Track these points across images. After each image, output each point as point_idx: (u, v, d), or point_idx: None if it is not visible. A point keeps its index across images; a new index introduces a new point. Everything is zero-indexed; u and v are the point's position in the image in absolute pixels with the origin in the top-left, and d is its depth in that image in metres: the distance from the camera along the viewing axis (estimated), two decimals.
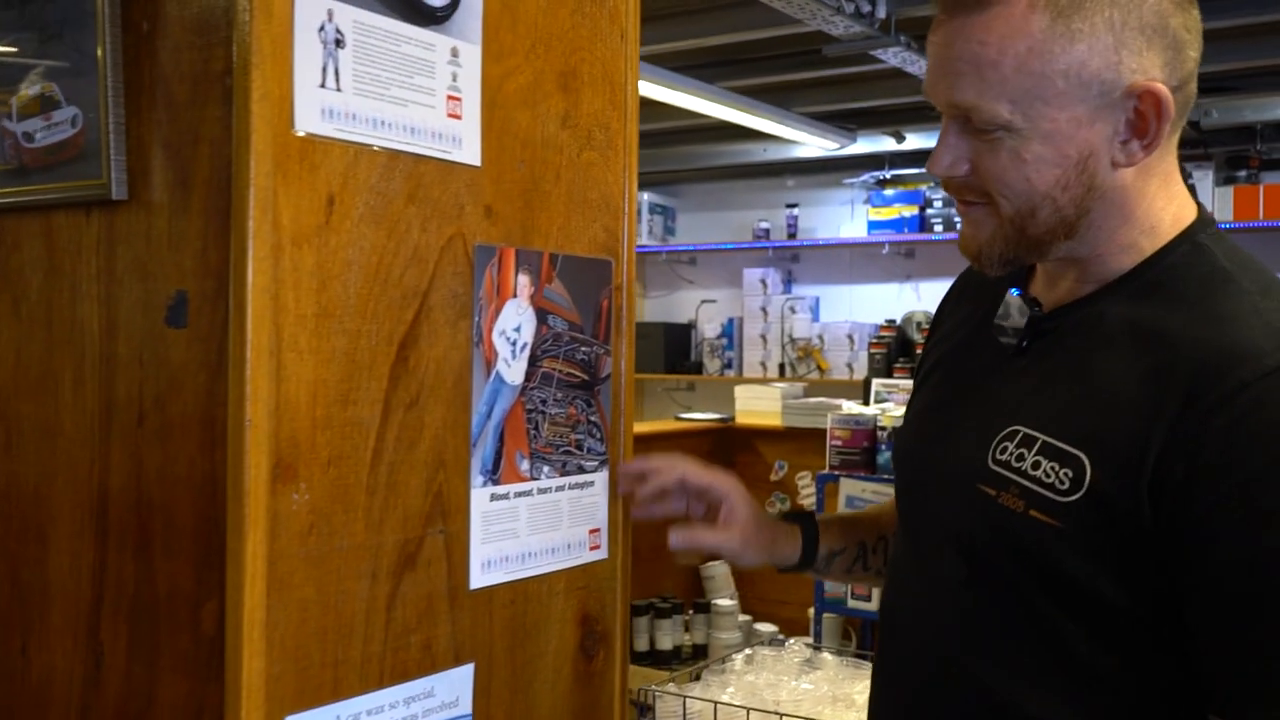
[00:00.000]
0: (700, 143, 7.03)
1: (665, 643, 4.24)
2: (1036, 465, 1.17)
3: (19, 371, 1.20)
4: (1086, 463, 1.13)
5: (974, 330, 1.36)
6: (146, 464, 1.10)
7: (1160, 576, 1.11)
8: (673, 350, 7.50)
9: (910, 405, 1.46)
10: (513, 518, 1.29)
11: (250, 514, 1.01)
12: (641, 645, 4.19)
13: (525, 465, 1.31)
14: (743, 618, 4.43)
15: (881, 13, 3.78)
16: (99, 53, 1.08)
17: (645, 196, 7.72)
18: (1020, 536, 1.17)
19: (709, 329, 7.50)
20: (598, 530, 1.41)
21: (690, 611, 4.43)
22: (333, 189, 1.07)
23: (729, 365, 7.40)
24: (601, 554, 1.42)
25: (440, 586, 1.20)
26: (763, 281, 7.30)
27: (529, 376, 1.30)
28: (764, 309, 7.24)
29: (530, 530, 1.31)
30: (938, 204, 6.68)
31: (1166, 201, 1.22)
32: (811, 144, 6.34)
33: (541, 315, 1.32)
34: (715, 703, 2.69)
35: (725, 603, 4.42)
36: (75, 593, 1.15)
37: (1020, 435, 1.20)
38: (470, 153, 1.21)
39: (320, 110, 1.06)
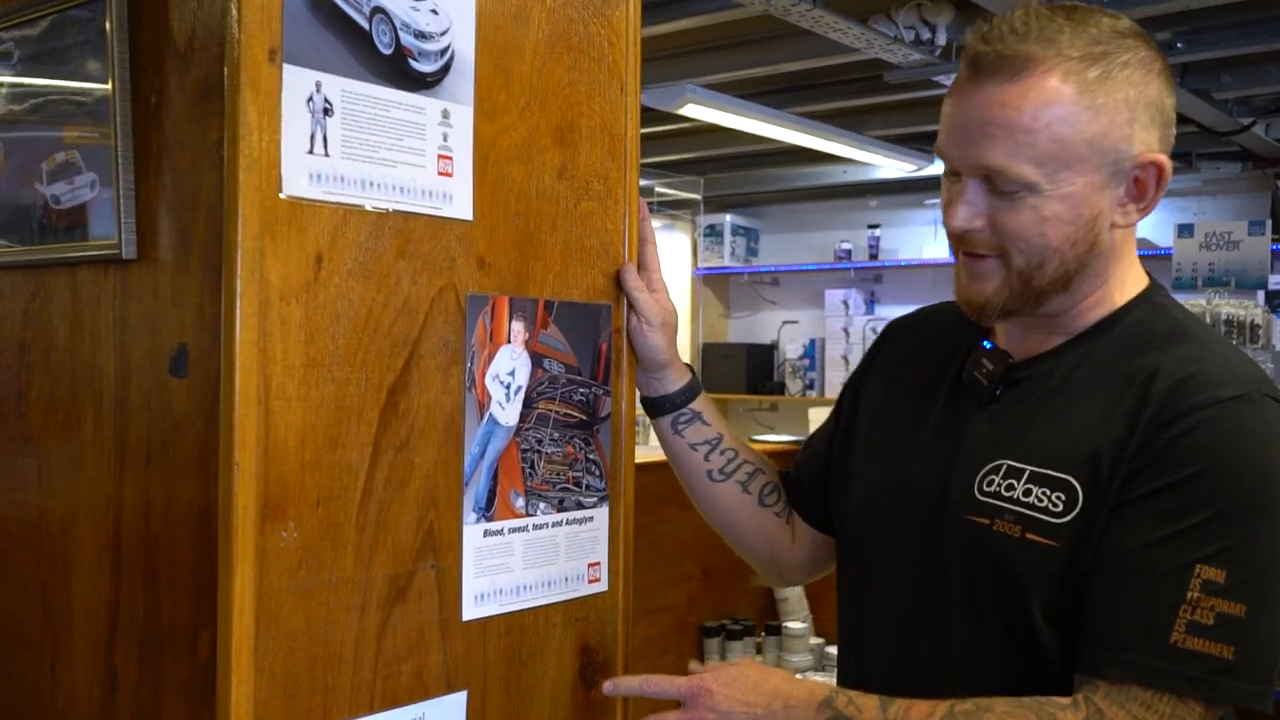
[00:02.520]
0: (781, 165, 7.07)
1: None
2: (1028, 493, 1.28)
3: (49, 413, 1.30)
4: (1076, 485, 1.25)
5: (929, 379, 1.45)
6: (153, 502, 1.19)
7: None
8: (755, 371, 7.54)
9: (854, 447, 1.52)
10: (506, 552, 1.35)
11: (239, 550, 1.09)
12: None
13: (520, 502, 1.37)
14: (814, 640, 4.43)
15: (942, 39, 3.79)
16: (111, 124, 1.17)
17: (728, 218, 7.78)
18: (1017, 561, 1.27)
19: (791, 350, 7.53)
20: (598, 564, 1.47)
21: (762, 634, 4.45)
22: (321, 247, 1.15)
23: (811, 386, 7.41)
24: (601, 586, 1.47)
25: (432, 617, 1.27)
26: (845, 303, 7.31)
27: (524, 418, 1.37)
28: (846, 330, 7.25)
29: (525, 565, 1.38)
30: None
31: (1131, 264, 1.37)
32: (888, 166, 6.33)
33: (537, 359, 1.38)
34: None
35: (797, 625, 4.42)
36: (95, 619, 1.25)
37: (1005, 468, 1.30)
38: (462, 208, 1.29)
39: (308, 175, 1.14)
